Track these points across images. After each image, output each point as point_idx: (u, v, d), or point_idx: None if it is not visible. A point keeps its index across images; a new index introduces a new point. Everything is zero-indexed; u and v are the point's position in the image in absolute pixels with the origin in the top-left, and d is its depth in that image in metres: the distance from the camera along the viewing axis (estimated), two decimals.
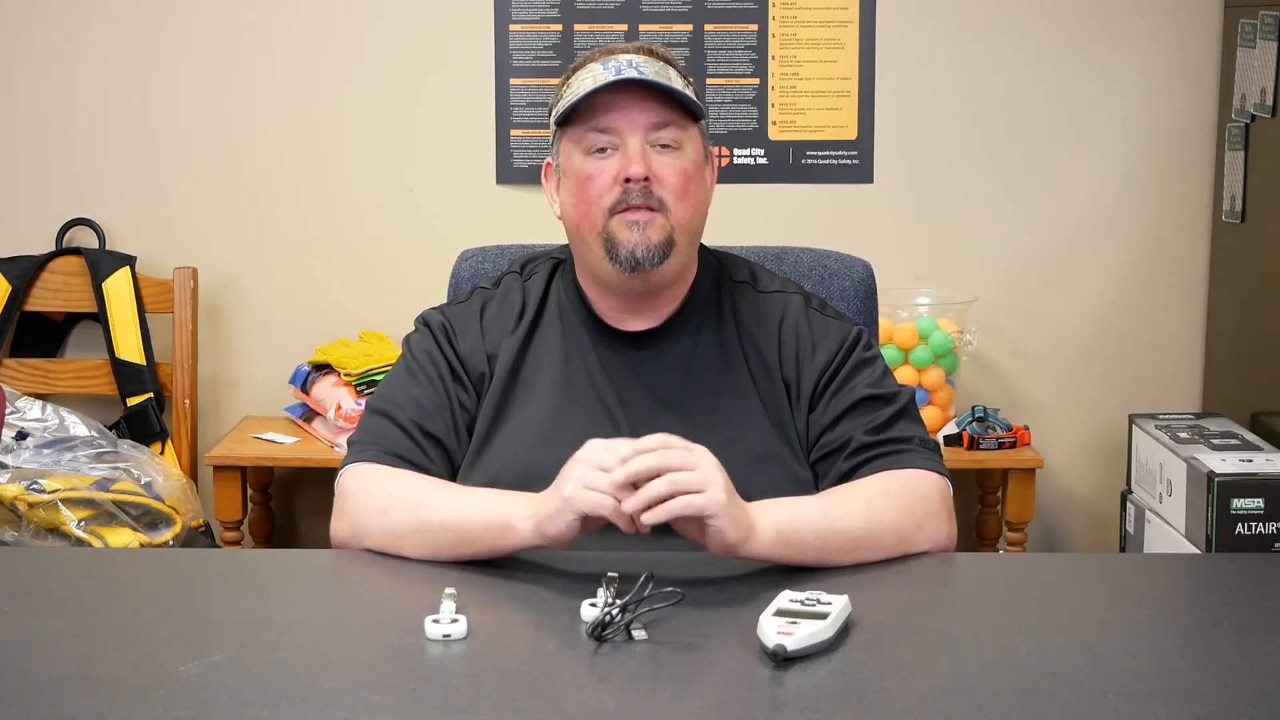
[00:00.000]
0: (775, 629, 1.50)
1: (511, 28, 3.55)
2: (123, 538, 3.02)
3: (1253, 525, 2.86)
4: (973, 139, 3.60)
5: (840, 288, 2.24)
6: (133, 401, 3.49)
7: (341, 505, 1.92)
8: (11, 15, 3.56)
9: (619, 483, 1.69)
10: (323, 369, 3.45)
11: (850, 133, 3.59)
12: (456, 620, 1.56)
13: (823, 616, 1.53)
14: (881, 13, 3.55)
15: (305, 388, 3.46)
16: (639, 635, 1.55)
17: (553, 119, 2.02)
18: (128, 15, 3.57)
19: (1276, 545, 2.87)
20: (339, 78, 3.58)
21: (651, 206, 1.94)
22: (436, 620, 1.56)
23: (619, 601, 1.56)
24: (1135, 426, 3.30)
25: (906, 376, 3.41)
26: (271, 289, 3.63)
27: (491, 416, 1.99)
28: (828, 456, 1.96)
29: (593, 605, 1.59)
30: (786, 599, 1.57)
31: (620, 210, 1.94)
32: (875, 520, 1.83)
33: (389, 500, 1.87)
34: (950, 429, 3.39)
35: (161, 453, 3.45)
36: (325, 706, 1.41)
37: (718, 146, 3.55)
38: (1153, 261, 3.63)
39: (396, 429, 1.96)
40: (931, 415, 3.40)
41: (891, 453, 1.93)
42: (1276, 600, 1.74)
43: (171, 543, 3.08)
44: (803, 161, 3.60)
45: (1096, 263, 3.63)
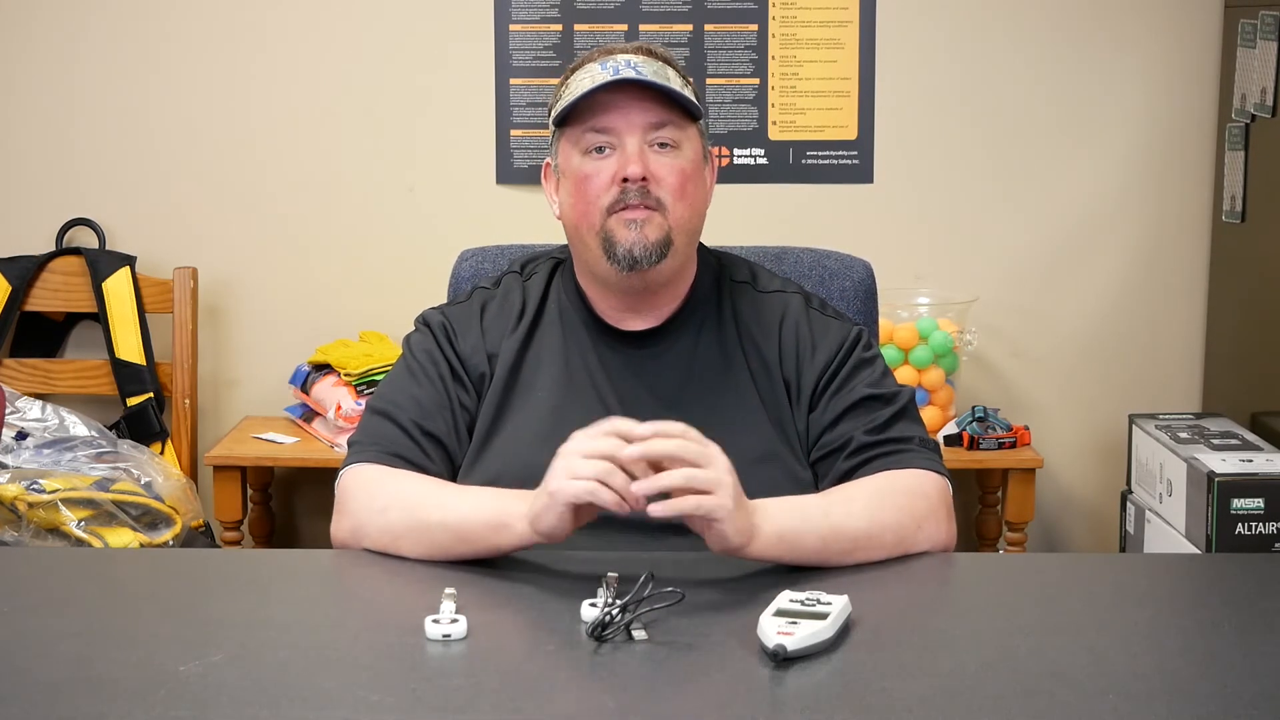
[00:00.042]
0: (775, 629, 1.50)
1: (511, 28, 3.55)
2: (123, 538, 3.02)
3: (1253, 525, 2.86)
4: (973, 139, 3.60)
5: (840, 288, 2.24)
6: (133, 401, 3.49)
7: (342, 505, 1.92)
8: (11, 15, 3.56)
9: (634, 458, 1.68)
10: (323, 369, 3.45)
11: (850, 133, 3.59)
12: (456, 620, 1.56)
13: (823, 616, 1.53)
14: (881, 13, 3.55)
15: (305, 388, 3.46)
16: (639, 635, 1.55)
17: (551, 119, 2.02)
18: (128, 15, 3.57)
19: (1276, 545, 2.87)
20: (339, 78, 3.58)
21: (649, 206, 1.94)
22: (436, 620, 1.56)
23: (619, 601, 1.55)
24: (1135, 426, 3.30)
25: (906, 376, 3.41)
26: (271, 289, 3.63)
27: (492, 416, 1.99)
28: (828, 456, 1.96)
29: (593, 605, 1.59)
30: (786, 599, 1.57)
31: (618, 210, 1.94)
32: (876, 520, 1.83)
33: (388, 500, 1.87)
34: (950, 429, 3.38)
35: (161, 453, 3.45)
36: (325, 706, 1.41)
37: (718, 146, 3.54)
38: (1153, 261, 3.63)
39: (397, 429, 1.96)
40: (931, 415, 3.40)
41: (891, 453, 1.93)
42: (1276, 600, 1.74)
43: (171, 543, 3.08)
44: (803, 161, 3.60)
45: (1096, 263, 3.63)
